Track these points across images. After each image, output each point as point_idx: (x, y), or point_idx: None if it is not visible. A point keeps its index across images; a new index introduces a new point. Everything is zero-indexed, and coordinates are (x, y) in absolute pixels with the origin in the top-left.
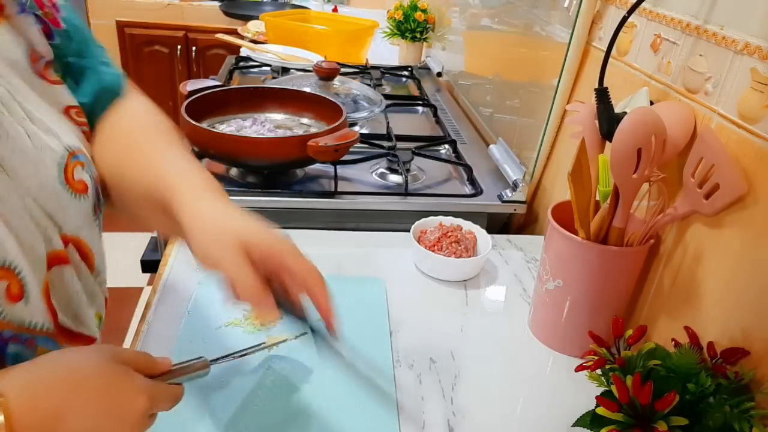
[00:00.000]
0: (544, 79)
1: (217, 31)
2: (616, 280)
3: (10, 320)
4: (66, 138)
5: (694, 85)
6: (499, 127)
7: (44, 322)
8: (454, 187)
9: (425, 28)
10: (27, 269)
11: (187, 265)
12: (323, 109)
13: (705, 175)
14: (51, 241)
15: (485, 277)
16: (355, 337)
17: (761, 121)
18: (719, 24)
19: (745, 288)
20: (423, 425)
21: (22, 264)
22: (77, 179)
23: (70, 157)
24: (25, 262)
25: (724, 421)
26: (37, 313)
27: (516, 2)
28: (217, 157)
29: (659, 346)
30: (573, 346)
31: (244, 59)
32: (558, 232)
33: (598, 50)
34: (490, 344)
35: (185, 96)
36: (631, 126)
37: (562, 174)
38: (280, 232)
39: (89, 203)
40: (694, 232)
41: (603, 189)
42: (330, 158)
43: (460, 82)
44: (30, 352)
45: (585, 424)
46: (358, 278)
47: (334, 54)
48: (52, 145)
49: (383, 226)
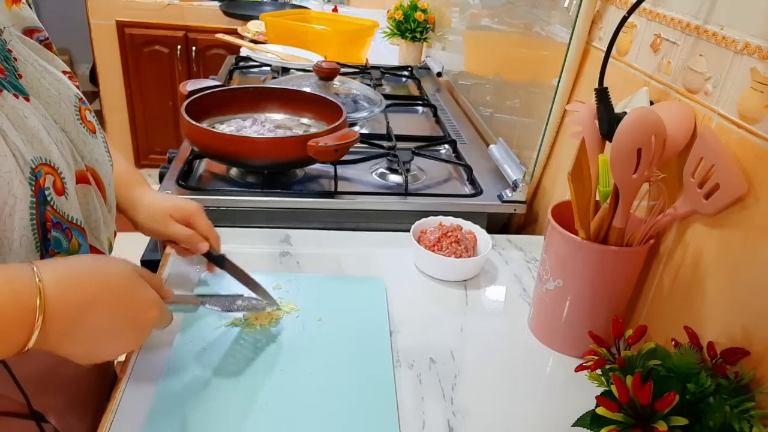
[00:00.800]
0: (544, 79)
1: (217, 31)
2: (616, 280)
3: (57, 208)
4: (73, 88)
5: (694, 85)
6: (499, 127)
7: (78, 218)
8: (454, 187)
9: (425, 28)
10: (66, 172)
11: (187, 265)
12: (323, 109)
13: (705, 175)
14: (77, 161)
15: (485, 277)
16: (355, 337)
17: (761, 121)
18: (719, 24)
19: (745, 288)
20: (423, 425)
21: (63, 167)
22: (89, 120)
23: (81, 102)
24: (64, 166)
25: (724, 421)
26: (73, 209)
27: (516, 2)
28: (217, 157)
29: (659, 346)
30: (573, 346)
31: (244, 59)
32: (558, 232)
33: (598, 50)
34: (490, 344)
35: (185, 96)
36: (631, 126)
37: (562, 174)
38: (191, 201)
39: (99, 141)
40: (694, 232)
41: (603, 189)
42: (330, 158)
43: (460, 82)
44: (66, 240)
45: (585, 424)
46: (358, 278)
47: (334, 54)
48: (66, 91)
49: (383, 226)
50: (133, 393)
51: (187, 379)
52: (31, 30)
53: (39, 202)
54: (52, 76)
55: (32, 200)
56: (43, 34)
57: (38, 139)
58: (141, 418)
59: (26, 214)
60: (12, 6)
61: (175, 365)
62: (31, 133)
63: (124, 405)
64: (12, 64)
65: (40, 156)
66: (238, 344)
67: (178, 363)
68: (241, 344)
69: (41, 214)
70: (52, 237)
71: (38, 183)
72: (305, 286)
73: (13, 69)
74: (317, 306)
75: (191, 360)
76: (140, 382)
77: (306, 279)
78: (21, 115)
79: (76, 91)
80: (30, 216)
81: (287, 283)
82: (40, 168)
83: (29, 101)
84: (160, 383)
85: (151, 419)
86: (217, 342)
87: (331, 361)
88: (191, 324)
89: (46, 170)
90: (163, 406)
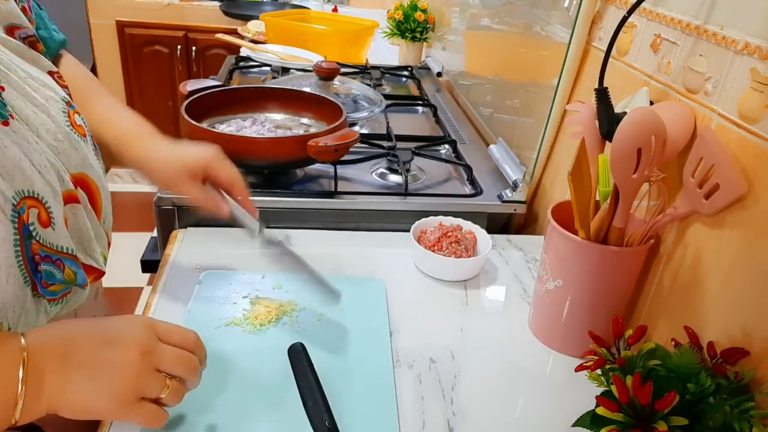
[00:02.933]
0: (544, 79)
1: (217, 31)
2: (616, 280)
3: (43, 242)
4: (60, 91)
5: (694, 85)
6: (499, 127)
7: (69, 246)
8: (454, 187)
9: (425, 28)
10: (51, 200)
11: (187, 265)
12: (323, 109)
13: (705, 175)
14: (63, 181)
15: (485, 277)
16: (355, 337)
17: (761, 121)
18: (719, 24)
19: (745, 288)
20: (423, 425)
21: (48, 196)
22: (78, 124)
23: (68, 106)
24: (49, 194)
25: (724, 421)
26: (62, 239)
27: (516, 2)
28: None
29: (659, 346)
30: (573, 346)
31: (244, 59)
32: (558, 232)
33: (598, 50)
34: (490, 344)
35: (185, 96)
36: (631, 126)
37: (562, 174)
38: (209, 147)
39: (90, 145)
40: (694, 232)
41: (603, 189)
42: (330, 158)
43: (460, 82)
44: (59, 271)
45: (585, 424)
46: (358, 278)
47: (334, 54)
48: (54, 96)
49: (383, 226)
50: None
51: None
52: (13, 27)
53: (24, 237)
54: (38, 81)
55: (16, 237)
56: (26, 30)
57: (20, 169)
58: None
59: (11, 252)
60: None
61: None
62: (11, 164)
63: None
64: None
65: (22, 189)
66: (238, 344)
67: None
68: (241, 344)
69: (27, 249)
70: (42, 270)
71: (21, 219)
72: (305, 286)
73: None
74: (317, 306)
75: None
76: None
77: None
78: (0, 146)
79: (63, 95)
80: (15, 253)
81: (287, 283)
82: (23, 203)
83: (8, 125)
84: None
85: None
86: (217, 342)
87: (331, 361)
88: (191, 324)
89: (30, 203)
90: None
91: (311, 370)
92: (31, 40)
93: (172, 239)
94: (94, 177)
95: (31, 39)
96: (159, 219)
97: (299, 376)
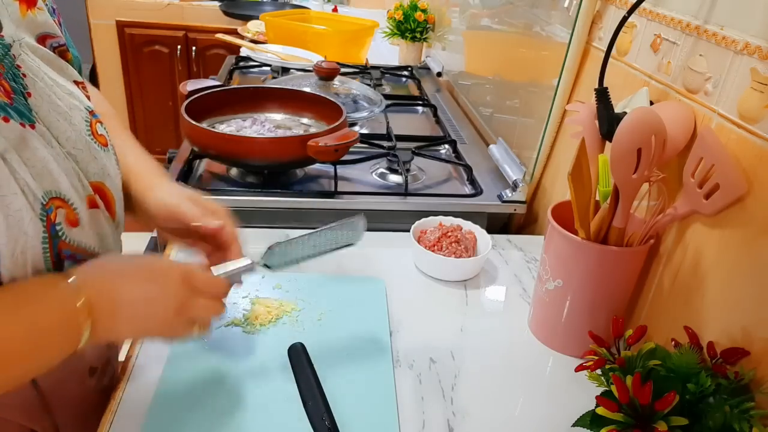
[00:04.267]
0: (544, 79)
1: (217, 31)
2: (616, 280)
3: (70, 241)
4: (84, 101)
5: (694, 85)
6: (499, 127)
7: (93, 245)
8: (454, 187)
9: (425, 28)
10: (77, 202)
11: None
12: (323, 109)
13: (705, 175)
14: (84, 186)
15: (485, 277)
16: (355, 337)
17: (761, 121)
18: (719, 24)
19: (745, 288)
20: (423, 425)
21: (74, 198)
22: (100, 134)
23: (92, 115)
24: (75, 196)
25: (724, 421)
26: (88, 238)
27: (516, 2)
28: (217, 157)
29: (659, 346)
30: (573, 346)
31: (244, 59)
32: (558, 232)
33: (598, 50)
34: (490, 344)
35: (185, 96)
36: (631, 126)
37: (562, 174)
38: (200, 194)
39: (111, 155)
40: (694, 232)
41: (603, 189)
42: (330, 158)
43: (460, 82)
44: None
45: (585, 424)
46: (358, 278)
47: (334, 54)
48: (78, 105)
49: (383, 226)
50: (133, 393)
51: (187, 379)
52: (45, 36)
53: (51, 236)
54: (63, 89)
55: (44, 236)
56: (58, 40)
57: (48, 171)
58: (141, 418)
59: (39, 250)
60: (27, 12)
61: (174, 365)
62: (41, 165)
63: (123, 405)
64: (21, 82)
65: (50, 190)
66: (238, 344)
67: (178, 363)
68: (241, 344)
69: (54, 247)
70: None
71: (49, 219)
72: (305, 286)
73: (21, 88)
74: (317, 306)
75: (191, 360)
76: (140, 383)
77: (306, 279)
78: (31, 147)
79: (87, 104)
80: (43, 251)
81: (287, 283)
82: (51, 203)
83: (35, 128)
84: (160, 383)
85: (151, 419)
86: (217, 342)
87: (331, 361)
88: None
89: (57, 204)
90: (162, 406)
91: (311, 370)
92: (62, 49)
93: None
94: (112, 187)
95: (61, 48)
96: None
97: (299, 376)
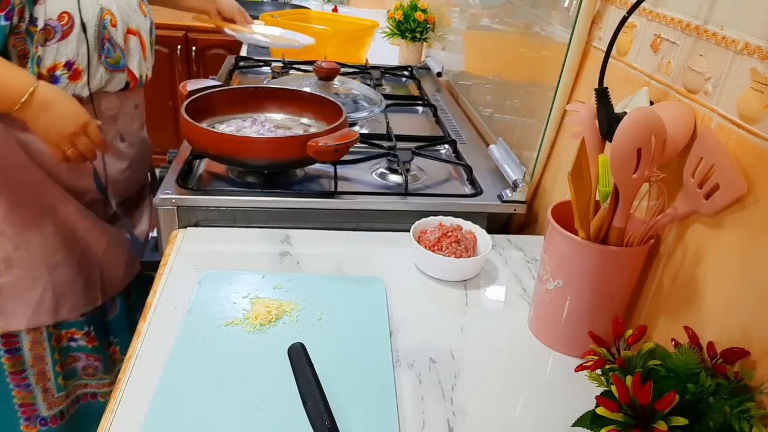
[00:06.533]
0: (544, 79)
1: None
2: (616, 280)
3: (109, 35)
4: None
5: (694, 85)
6: (499, 127)
7: (120, 43)
8: (454, 187)
9: (425, 28)
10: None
11: (187, 265)
12: (323, 109)
13: (705, 175)
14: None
15: (485, 277)
16: (355, 337)
17: (761, 121)
18: (719, 24)
19: (745, 288)
20: (423, 425)
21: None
22: (144, 8)
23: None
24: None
25: (724, 421)
26: (118, 37)
27: (516, 2)
28: (217, 157)
29: (659, 346)
30: (573, 346)
31: (244, 59)
32: (558, 232)
33: (598, 50)
34: (490, 344)
35: (185, 96)
36: (631, 126)
37: (562, 174)
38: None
39: (148, 23)
40: (694, 232)
41: (603, 189)
42: (330, 158)
43: (460, 82)
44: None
45: (585, 424)
46: (358, 278)
47: (334, 54)
48: None
49: (383, 226)
50: (133, 393)
51: (187, 379)
52: None
53: (101, 27)
54: None
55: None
56: None
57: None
58: (141, 418)
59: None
60: None
61: (175, 365)
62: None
63: (123, 405)
64: None
65: (103, 7)
66: (238, 344)
67: (178, 363)
68: (241, 344)
69: (101, 34)
70: (106, 47)
71: (101, 17)
72: (305, 286)
73: None
74: (317, 306)
75: (191, 360)
76: (140, 382)
77: (306, 279)
78: None
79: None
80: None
81: (287, 283)
82: (103, 12)
83: None
84: (160, 383)
85: (151, 419)
86: (216, 342)
87: (331, 361)
88: (191, 324)
89: (106, 13)
90: (162, 406)
91: (311, 370)
92: None
93: (172, 239)
94: (144, 33)
95: None
96: (159, 219)
97: (299, 376)
